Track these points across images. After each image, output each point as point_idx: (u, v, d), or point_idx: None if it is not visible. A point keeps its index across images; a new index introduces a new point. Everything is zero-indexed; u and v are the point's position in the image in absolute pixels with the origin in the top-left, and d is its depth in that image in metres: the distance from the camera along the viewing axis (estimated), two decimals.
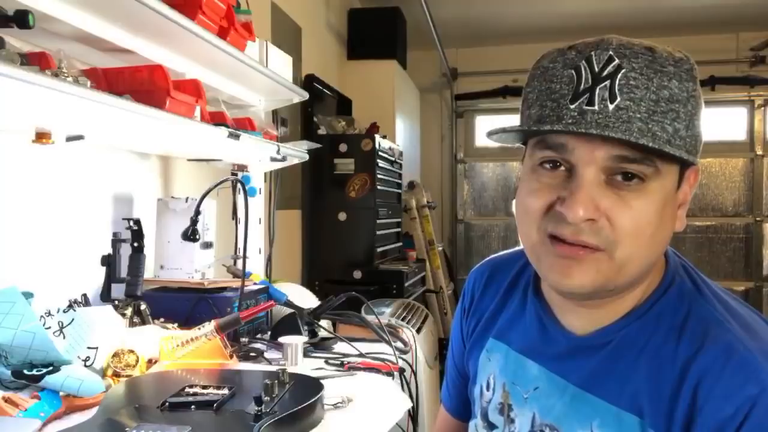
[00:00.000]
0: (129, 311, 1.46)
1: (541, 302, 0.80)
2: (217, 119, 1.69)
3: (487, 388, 0.85)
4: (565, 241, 0.65)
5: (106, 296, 1.52)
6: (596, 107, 0.62)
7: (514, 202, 0.74)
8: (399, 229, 3.88)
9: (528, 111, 0.69)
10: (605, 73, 0.62)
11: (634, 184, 0.63)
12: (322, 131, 3.32)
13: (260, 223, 2.24)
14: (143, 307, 1.50)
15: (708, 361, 0.63)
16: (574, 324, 0.75)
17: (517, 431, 0.79)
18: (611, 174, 0.64)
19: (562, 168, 0.66)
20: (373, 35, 4.10)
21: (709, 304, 0.68)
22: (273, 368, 1.32)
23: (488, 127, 0.78)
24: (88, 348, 1.19)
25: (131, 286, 1.50)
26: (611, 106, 0.61)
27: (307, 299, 2.00)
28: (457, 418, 0.98)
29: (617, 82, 0.62)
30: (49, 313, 1.14)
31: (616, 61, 0.62)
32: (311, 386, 1.10)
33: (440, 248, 4.67)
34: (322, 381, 1.14)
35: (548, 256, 0.68)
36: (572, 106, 0.63)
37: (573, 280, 0.66)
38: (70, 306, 1.21)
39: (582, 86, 0.63)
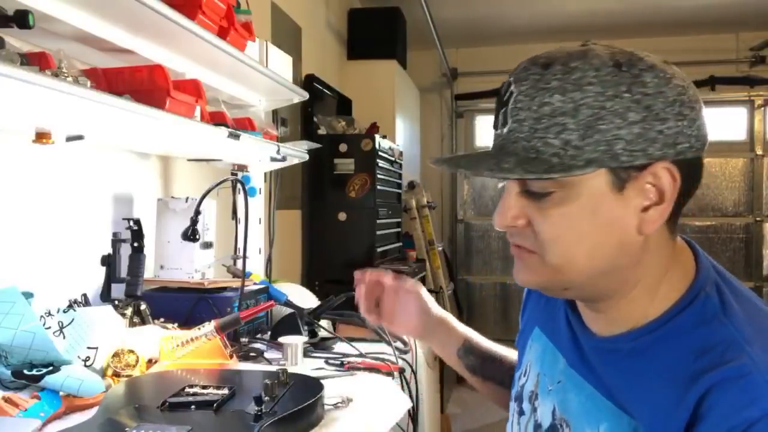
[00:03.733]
0: (129, 311, 1.46)
1: (569, 301, 0.82)
2: (217, 119, 1.69)
3: (524, 374, 0.88)
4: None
5: (106, 296, 1.52)
6: (499, 131, 0.70)
7: None
8: (399, 229, 3.88)
9: None
10: (505, 98, 0.69)
11: (547, 196, 0.68)
12: (322, 131, 3.32)
13: (260, 223, 2.24)
14: (143, 307, 1.50)
15: (718, 379, 0.62)
16: (594, 327, 0.76)
17: (539, 420, 0.81)
18: (525, 188, 0.69)
19: None
20: (373, 35, 4.10)
21: (732, 325, 0.66)
22: (273, 368, 1.32)
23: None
24: (88, 348, 1.19)
25: (131, 286, 1.50)
26: (505, 130, 0.69)
27: (307, 299, 2.00)
28: None
29: (509, 106, 0.68)
30: (49, 313, 1.14)
31: (512, 86, 0.69)
32: (311, 386, 1.10)
33: (440, 248, 4.67)
34: (322, 381, 1.14)
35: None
36: (494, 131, 0.72)
37: (519, 276, 0.74)
38: (70, 306, 1.21)
39: (497, 111, 0.71)
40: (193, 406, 1.00)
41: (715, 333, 0.65)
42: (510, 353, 1.07)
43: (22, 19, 0.98)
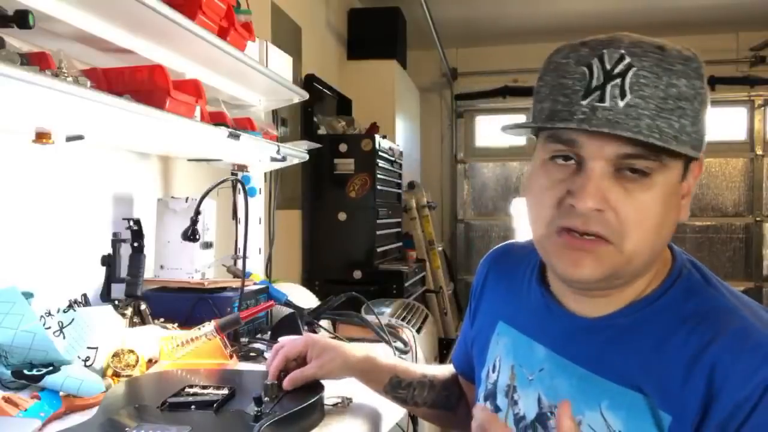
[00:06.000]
0: (129, 311, 1.46)
1: (545, 287, 0.82)
2: (217, 119, 1.69)
3: (493, 370, 0.87)
4: (575, 232, 0.68)
5: (106, 296, 1.52)
6: (607, 104, 0.64)
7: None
8: (399, 229, 3.88)
9: (540, 105, 0.71)
10: (616, 71, 0.64)
11: (638, 177, 0.66)
12: (322, 131, 3.32)
13: (260, 223, 2.24)
14: (143, 307, 1.50)
15: (723, 346, 0.63)
16: (581, 310, 0.76)
17: (522, 413, 0.80)
18: (618, 168, 0.66)
19: (572, 161, 0.69)
20: (373, 35, 4.10)
21: (719, 293, 0.70)
22: None
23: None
24: (88, 348, 1.19)
25: (131, 286, 1.50)
26: (621, 103, 0.63)
27: (307, 299, 1.99)
28: (460, 373, 1.05)
29: (628, 79, 0.64)
30: (49, 313, 1.14)
31: (627, 59, 0.64)
32: (311, 386, 1.10)
33: (440, 248, 4.67)
34: (322, 381, 1.14)
35: (558, 248, 0.70)
36: (584, 103, 0.65)
37: (583, 270, 0.68)
38: (70, 306, 1.20)
39: (594, 83, 0.65)
40: (193, 406, 1.00)
41: (706, 301, 0.69)
42: (444, 370, 1.09)
43: (22, 19, 0.98)
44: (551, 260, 0.72)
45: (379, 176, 3.26)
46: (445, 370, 1.09)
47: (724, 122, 5.05)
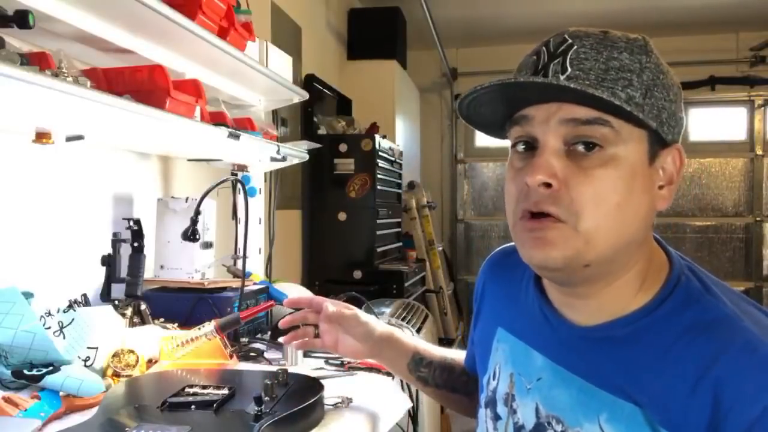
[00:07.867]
0: (129, 311, 1.46)
1: (542, 294, 0.81)
2: (217, 119, 1.69)
3: (493, 377, 0.86)
4: (533, 216, 0.68)
5: (106, 296, 1.52)
6: (551, 79, 0.66)
7: None
8: (399, 229, 3.88)
9: None
10: (559, 51, 0.67)
11: (594, 152, 0.66)
12: (322, 131, 3.32)
13: (260, 223, 2.24)
14: (143, 307, 1.50)
15: (729, 361, 0.62)
16: (575, 317, 0.75)
17: (521, 422, 0.79)
18: (571, 144, 0.66)
19: (532, 148, 0.70)
20: (373, 35, 4.11)
21: (720, 302, 0.67)
22: (273, 368, 1.32)
23: None
24: (88, 348, 1.19)
25: (131, 286, 1.50)
26: (562, 77, 0.66)
27: None
28: (471, 371, 1.04)
29: (568, 57, 0.66)
30: (49, 313, 1.14)
31: (569, 41, 0.67)
32: (311, 386, 1.10)
33: (440, 248, 4.67)
34: (322, 381, 1.14)
35: (522, 233, 0.70)
36: (535, 79, 0.68)
37: (540, 252, 0.67)
38: (70, 306, 1.20)
39: (540, 66, 0.68)
40: (193, 406, 1.00)
41: (706, 311, 0.67)
42: (462, 355, 1.08)
43: (22, 19, 0.98)
44: (519, 249, 0.72)
45: (379, 176, 3.26)
46: (463, 355, 1.08)
47: (724, 122, 5.05)
